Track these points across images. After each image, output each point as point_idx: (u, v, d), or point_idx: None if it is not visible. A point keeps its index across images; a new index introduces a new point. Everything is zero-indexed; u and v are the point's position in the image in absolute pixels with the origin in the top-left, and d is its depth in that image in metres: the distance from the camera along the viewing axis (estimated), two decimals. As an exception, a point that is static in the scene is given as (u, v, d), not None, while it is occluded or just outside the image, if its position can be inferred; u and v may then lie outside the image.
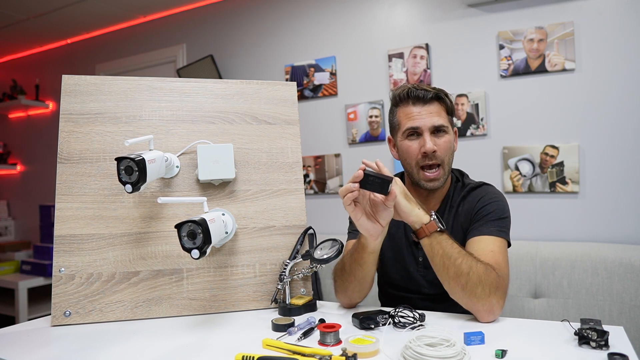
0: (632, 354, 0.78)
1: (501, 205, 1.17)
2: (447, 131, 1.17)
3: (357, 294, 1.13)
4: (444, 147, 1.16)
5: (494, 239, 1.09)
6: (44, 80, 3.64)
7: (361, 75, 2.43)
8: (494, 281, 0.97)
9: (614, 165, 1.87)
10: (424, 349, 0.76)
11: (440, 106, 1.18)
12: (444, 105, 1.19)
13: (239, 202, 1.21)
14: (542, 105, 2.00)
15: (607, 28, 1.88)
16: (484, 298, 0.96)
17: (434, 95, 1.17)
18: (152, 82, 1.23)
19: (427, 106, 1.17)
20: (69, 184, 1.14)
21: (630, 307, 1.57)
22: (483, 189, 1.22)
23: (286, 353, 0.83)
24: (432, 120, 1.15)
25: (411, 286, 1.24)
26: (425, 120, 1.15)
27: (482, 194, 1.20)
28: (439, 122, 1.16)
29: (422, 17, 2.27)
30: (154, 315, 1.12)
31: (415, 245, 1.24)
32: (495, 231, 1.11)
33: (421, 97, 1.16)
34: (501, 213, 1.15)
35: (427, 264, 1.21)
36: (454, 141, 1.21)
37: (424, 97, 1.16)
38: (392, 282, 1.28)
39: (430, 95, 1.16)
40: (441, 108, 1.18)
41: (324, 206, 2.50)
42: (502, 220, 1.14)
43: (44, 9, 2.96)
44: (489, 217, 1.14)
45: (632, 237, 1.83)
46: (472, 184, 1.25)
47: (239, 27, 2.81)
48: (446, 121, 1.18)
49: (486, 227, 1.12)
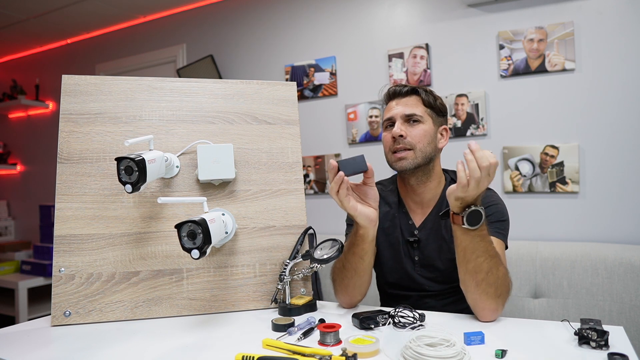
0: (632, 354, 0.78)
1: (500, 208, 1.20)
2: (422, 121, 1.22)
3: (358, 290, 1.14)
4: (416, 134, 1.20)
5: (495, 240, 1.10)
6: (44, 80, 3.64)
7: (361, 75, 2.43)
8: (508, 286, 1.01)
9: (614, 165, 1.87)
10: (424, 349, 0.76)
11: (417, 99, 1.24)
12: (421, 98, 1.24)
13: (239, 202, 1.21)
14: (542, 105, 2.00)
15: (607, 28, 1.88)
16: (494, 299, 0.98)
17: (410, 89, 1.24)
18: (152, 82, 1.23)
19: (403, 99, 1.24)
20: (69, 184, 1.14)
21: (630, 307, 1.57)
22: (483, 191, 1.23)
23: (286, 353, 0.83)
24: (404, 110, 1.22)
25: (412, 285, 1.25)
26: (398, 110, 1.23)
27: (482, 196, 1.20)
28: (411, 111, 1.21)
29: (422, 17, 2.27)
30: (154, 315, 1.12)
31: (410, 245, 1.25)
32: (495, 232, 1.14)
33: (398, 92, 1.25)
34: (500, 216, 1.18)
35: (424, 262, 1.23)
36: (435, 133, 1.24)
37: (400, 92, 1.25)
38: (392, 283, 1.28)
39: (406, 89, 1.24)
40: (418, 101, 1.24)
41: (324, 206, 2.50)
42: (501, 222, 1.17)
43: (44, 9, 2.96)
44: (489, 219, 1.15)
45: (632, 237, 1.83)
46: None
47: (239, 27, 2.81)
48: (421, 112, 1.22)
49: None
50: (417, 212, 1.28)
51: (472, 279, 0.99)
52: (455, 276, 1.04)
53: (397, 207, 1.30)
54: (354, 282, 1.12)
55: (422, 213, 1.27)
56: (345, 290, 1.14)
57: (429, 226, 1.24)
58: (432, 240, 1.23)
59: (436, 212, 1.24)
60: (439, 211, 1.23)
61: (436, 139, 1.24)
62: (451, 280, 1.18)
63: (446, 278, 1.21)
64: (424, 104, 1.23)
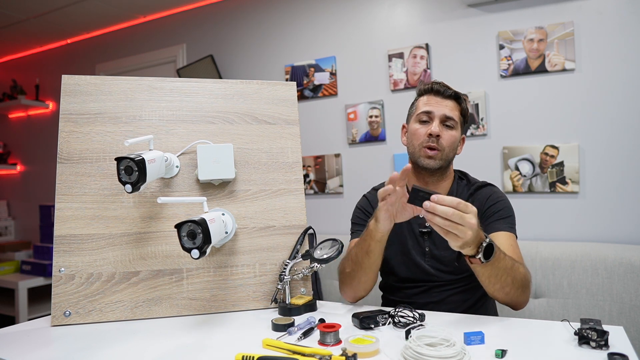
0: (632, 354, 0.78)
1: (508, 203, 1.27)
2: (455, 127, 1.26)
3: (363, 285, 1.16)
4: (448, 138, 1.24)
5: (509, 234, 1.20)
6: (44, 80, 3.64)
7: (361, 75, 2.42)
8: (528, 278, 1.09)
9: (614, 165, 1.87)
10: (424, 349, 0.76)
11: (455, 105, 1.27)
12: (459, 106, 1.28)
13: (239, 202, 1.21)
14: (542, 105, 2.00)
15: (607, 28, 1.88)
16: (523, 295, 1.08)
17: (453, 93, 1.27)
18: (152, 82, 1.23)
19: (445, 100, 1.26)
20: (69, 184, 1.14)
21: (630, 307, 1.57)
22: (489, 188, 1.31)
23: (286, 353, 0.83)
24: (445, 110, 1.25)
25: (421, 276, 1.26)
26: (439, 108, 1.25)
27: (490, 192, 1.28)
28: (450, 114, 1.25)
29: (422, 17, 2.27)
30: (154, 315, 1.12)
31: (421, 236, 1.28)
32: (508, 227, 1.21)
33: (441, 92, 1.27)
34: (510, 211, 1.25)
35: (434, 254, 1.26)
36: (458, 141, 1.29)
37: (444, 92, 1.27)
38: (402, 277, 1.29)
39: (449, 92, 1.27)
40: (456, 106, 1.27)
41: (324, 206, 2.50)
42: (511, 217, 1.25)
43: (44, 9, 2.96)
44: (500, 214, 1.23)
45: (632, 237, 1.83)
46: (478, 182, 1.33)
47: (239, 27, 2.81)
48: (457, 118, 1.26)
49: (500, 224, 1.21)
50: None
51: (501, 293, 1.04)
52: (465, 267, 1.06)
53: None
54: (360, 275, 1.14)
55: None
56: (351, 283, 1.17)
57: None
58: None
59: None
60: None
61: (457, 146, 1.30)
62: (461, 271, 1.22)
63: (456, 269, 1.24)
64: (460, 111, 1.28)
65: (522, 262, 1.13)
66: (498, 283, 1.01)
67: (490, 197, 1.26)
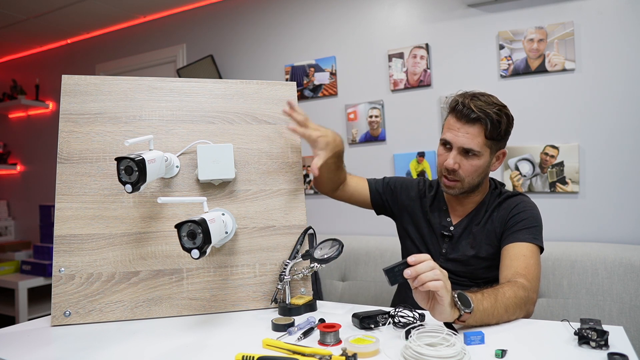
0: (632, 354, 0.78)
1: (534, 213, 1.24)
2: (478, 155, 1.20)
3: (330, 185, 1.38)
4: (468, 169, 1.21)
5: (527, 245, 1.17)
6: (44, 80, 3.64)
7: (361, 75, 2.42)
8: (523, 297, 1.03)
9: (614, 165, 1.87)
10: (424, 349, 0.76)
11: (479, 129, 1.18)
12: (485, 128, 1.18)
13: (239, 202, 1.21)
14: (542, 105, 2.00)
15: (607, 28, 1.88)
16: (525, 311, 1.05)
17: (477, 117, 1.17)
18: (152, 82, 1.23)
19: (466, 126, 1.18)
20: (69, 184, 1.14)
21: (630, 307, 1.57)
22: (518, 198, 1.29)
23: (286, 353, 0.83)
24: (463, 142, 1.19)
25: None
26: (458, 139, 1.19)
27: (517, 202, 1.27)
28: (469, 145, 1.18)
29: (422, 17, 2.27)
30: (154, 315, 1.12)
31: (442, 238, 1.31)
32: (529, 238, 1.18)
33: (464, 115, 1.18)
34: (534, 221, 1.22)
35: (449, 257, 1.29)
36: (487, 164, 1.23)
37: (467, 115, 1.18)
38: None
39: (473, 115, 1.17)
40: (480, 131, 1.18)
41: (324, 206, 2.50)
42: (534, 228, 1.21)
43: (44, 9, 2.96)
44: (522, 224, 1.21)
45: (632, 237, 1.83)
46: (509, 193, 1.32)
47: (239, 27, 2.81)
48: (479, 146, 1.18)
49: (519, 235, 1.19)
50: (458, 210, 1.34)
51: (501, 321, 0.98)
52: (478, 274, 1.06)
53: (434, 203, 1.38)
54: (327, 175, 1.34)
55: (463, 211, 1.33)
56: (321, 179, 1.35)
57: (464, 224, 1.30)
58: (464, 237, 1.29)
59: (474, 213, 1.30)
60: (477, 213, 1.30)
61: (489, 166, 1.25)
62: (474, 277, 1.24)
63: (469, 275, 1.26)
64: (486, 135, 1.19)
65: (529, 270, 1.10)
66: (494, 320, 0.96)
67: (516, 207, 1.25)
